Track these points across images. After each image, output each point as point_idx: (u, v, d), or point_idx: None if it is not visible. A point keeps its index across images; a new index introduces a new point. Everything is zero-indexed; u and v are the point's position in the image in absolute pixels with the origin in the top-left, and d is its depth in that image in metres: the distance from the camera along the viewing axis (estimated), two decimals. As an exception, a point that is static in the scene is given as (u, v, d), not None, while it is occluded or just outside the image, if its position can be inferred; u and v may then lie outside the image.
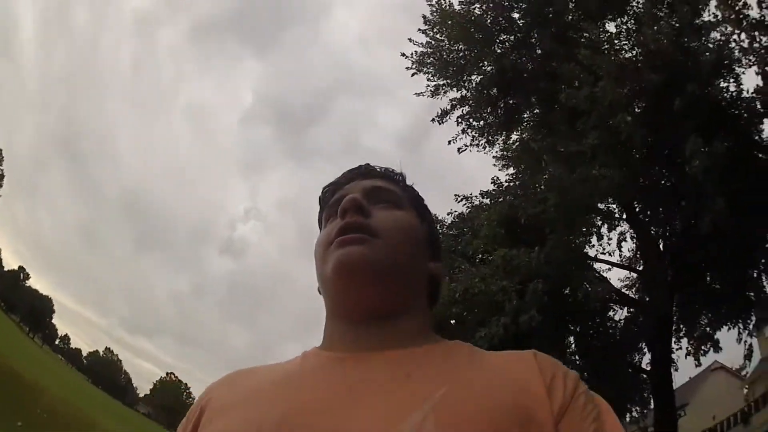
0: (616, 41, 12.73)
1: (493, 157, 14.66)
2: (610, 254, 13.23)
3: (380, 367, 0.80)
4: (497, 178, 13.90)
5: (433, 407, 0.70)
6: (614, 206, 13.08)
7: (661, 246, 13.02)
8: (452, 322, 11.39)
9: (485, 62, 13.72)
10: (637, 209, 13.14)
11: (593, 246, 13.01)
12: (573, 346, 13.13)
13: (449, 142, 14.27)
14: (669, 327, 12.29)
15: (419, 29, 13.88)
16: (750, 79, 11.65)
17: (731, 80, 11.26)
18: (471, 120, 14.27)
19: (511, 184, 13.96)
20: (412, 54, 13.98)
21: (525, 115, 14.27)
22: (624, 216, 13.31)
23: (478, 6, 13.51)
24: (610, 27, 13.15)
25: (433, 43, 13.89)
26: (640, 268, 13.86)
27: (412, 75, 14.27)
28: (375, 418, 0.70)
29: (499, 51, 13.55)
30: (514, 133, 14.47)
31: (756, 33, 10.93)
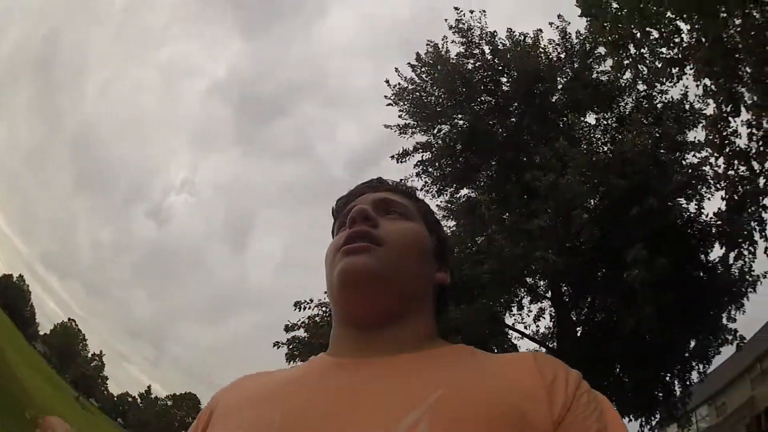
0: (593, 134, 12.96)
1: (437, 206, 14.50)
2: (526, 326, 13.38)
3: (381, 372, 0.81)
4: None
5: (429, 409, 0.70)
6: (541, 282, 13.15)
7: (579, 332, 13.11)
8: None
9: (459, 115, 13.79)
10: (564, 292, 13.26)
11: (513, 315, 13.17)
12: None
13: (401, 180, 14.26)
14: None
15: (409, 63, 13.94)
16: (714, 202, 12.14)
17: (695, 200, 11.60)
18: (429, 167, 14.28)
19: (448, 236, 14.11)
20: (395, 86, 14.06)
21: (481, 175, 14.31)
22: (548, 294, 13.41)
23: (472, 62, 13.63)
24: (590, 118, 13.44)
25: (417, 81, 13.92)
26: (553, 346, 13.94)
27: (387, 105, 14.35)
28: (372, 421, 0.71)
29: (476, 109, 13.61)
30: (465, 188, 14.50)
31: (735, 161, 11.33)
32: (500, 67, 13.57)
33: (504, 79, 13.70)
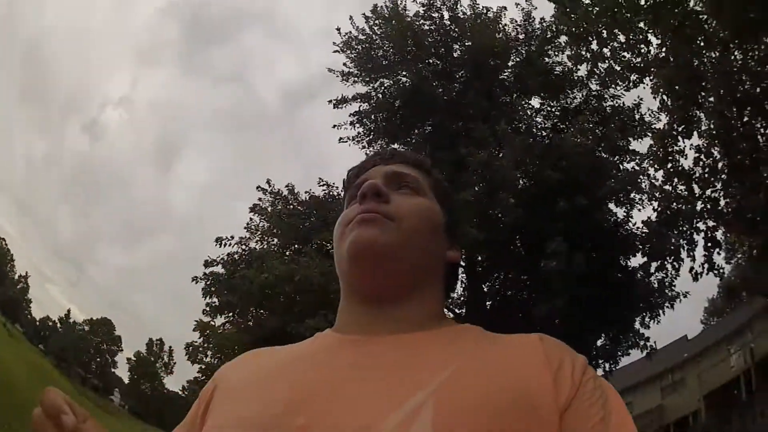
0: (535, 119, 13.27)
1: (366, 155, 14.54)
2: None
3: (387, 350, 0.80)
4: None
5: (434, 391, 0.70)
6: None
7: (488, 305, 13.56)
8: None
9: (405, 73, 13.67)
10: (479, 263, 13.58)
11: None
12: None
13: (335, 126, 14.17)
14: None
15: (364, 14, 13.67)
16: (645, 212, 12.65)
17: (625, 207, 12.08)
18: (364, 118, 14.18)
19: None
20: (345, 34, 13.75)
21: (414, 135, 14.30)
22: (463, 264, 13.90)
23: (428, 24, 13.51)
24: (535, 102, 13.70)
25: (368, 33, 13.65)
26: (460, 312, 14.15)
27: (334, 51, 14.05)
28: (376, 401, 0.70)
29: (423, 70, 13.51)
30: (397, 143, 14.38)
31: (675, 179, 11.91)
32: (456, 35, 13.50)
33: (457, 47, 13.65)
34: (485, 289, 13.64)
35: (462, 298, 13.88)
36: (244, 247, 13.40)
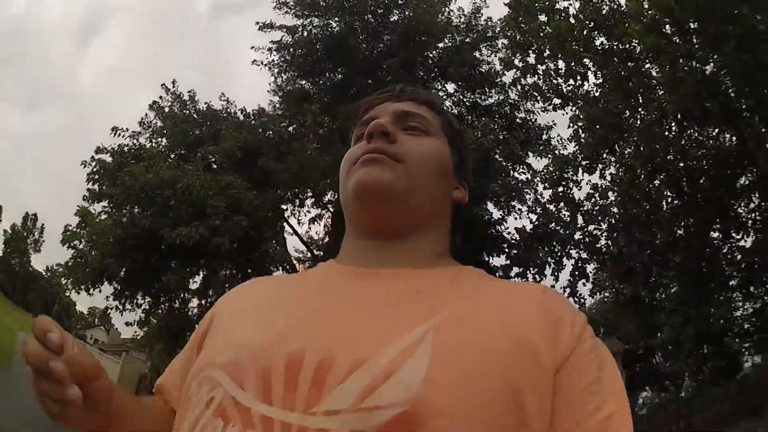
0: (447, 102, 13.24)
1: (274, 85, 14.56)
2: (300, 222, 14.04)
3: (388, 284, 0.79)
4: (260, 107, 14.20)
5: (433, 327, 0.68)
6: (330, 193, 13.33)
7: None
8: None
9: (336, 19, 13.56)
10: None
11: (295, 212, 13.71)
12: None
13: (253, 47, 14.00)
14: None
15: None
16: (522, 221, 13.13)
17: (503, 211, 12.34)
18: (283, 50, 13.97)
19: (272, 113, 14.15)
20: None
21: (324, 77, 14.15)
22: (331, 206, 13.88)
23: None
24: (450, 87, 13.84)
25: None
26: (318, 254, 14.41)
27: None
28: (374, 332, 0.69)
29: (354, 21, 13.40)
30: (305, 81, 14.32)
31: (562, 203, 12.23)
32: (400, 2, 13.47)
33: (397, 12, 13.60)
34: None
35: (323, 239, 14.26)
36: (135, 141, 13.14)
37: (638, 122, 11.83)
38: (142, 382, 22.28)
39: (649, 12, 10.59)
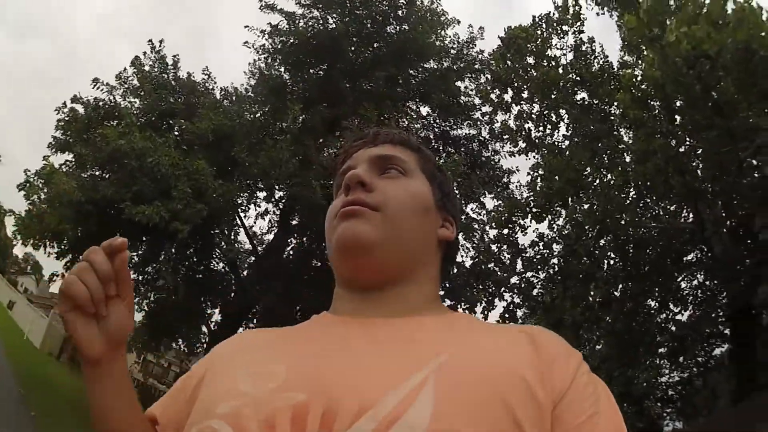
0: (416, 124, 13.52)
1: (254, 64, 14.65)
2: (246, 217, 14.19)
3: (386, 332, 0.79)
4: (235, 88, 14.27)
5: (434, 371, 0.69)
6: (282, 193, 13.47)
7: (285, 253, 13.97)
8: None
9: (335, 15, 13.59)
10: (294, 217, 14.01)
11: (243, 207, 13.70)
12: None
13: (247, 27, 14.02)
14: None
15: None
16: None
17: None
18: (276, 37, 14.02)
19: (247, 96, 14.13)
20: None
21: (307, 72, 14.26)
22: (281, 205, 14.12)
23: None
24: (425, 109, 14.06)
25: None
26: (260, 250, 14.54)
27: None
28: (376, 378, 0.70)
29: (351, 24, 13.41)
30: (288, 74, 14.36)
31: (506, 246, 12.46)
32: (401, 14, 13.64)
33: (394, 23, 13.80)
34: (294, 242, 14.21)
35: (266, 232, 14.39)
36: (111, 97, 12.96)
37: (597, 182, 12.12)
38: (68, 342, 21.73)
39: (641, 85, 10.74)
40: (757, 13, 8.69)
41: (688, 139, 10.79)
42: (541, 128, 12.83)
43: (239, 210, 13.29)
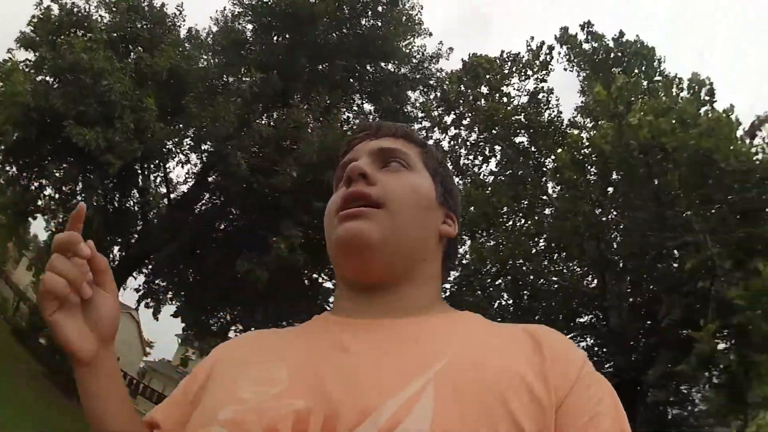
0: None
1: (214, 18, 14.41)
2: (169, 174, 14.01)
3: (387, 335, 0.78)
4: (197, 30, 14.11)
5: (433, 377, 0.68)
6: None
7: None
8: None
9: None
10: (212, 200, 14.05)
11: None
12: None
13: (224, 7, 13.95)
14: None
15: None
16: None
17: None
18: (251, 11, 13.90)
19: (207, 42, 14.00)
20: None
21: (263, 40, 14.11)
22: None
23: None
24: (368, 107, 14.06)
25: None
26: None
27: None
28: (376, 384, 0.69)
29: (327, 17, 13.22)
30: (251, 33, 14.26)
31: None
32: (380, 10, 13.62)
33: (369, 17, 13.77)
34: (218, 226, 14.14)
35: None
36: (86, 3, 12.61)
37: (511, 223, 12.40)
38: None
39: (583, 149, 10.76)
40: (733, 127, 8.69)
41: (614, 212, 10.95)
42: (471, 157, 13.00)
43: (165, 155, 13.18)
